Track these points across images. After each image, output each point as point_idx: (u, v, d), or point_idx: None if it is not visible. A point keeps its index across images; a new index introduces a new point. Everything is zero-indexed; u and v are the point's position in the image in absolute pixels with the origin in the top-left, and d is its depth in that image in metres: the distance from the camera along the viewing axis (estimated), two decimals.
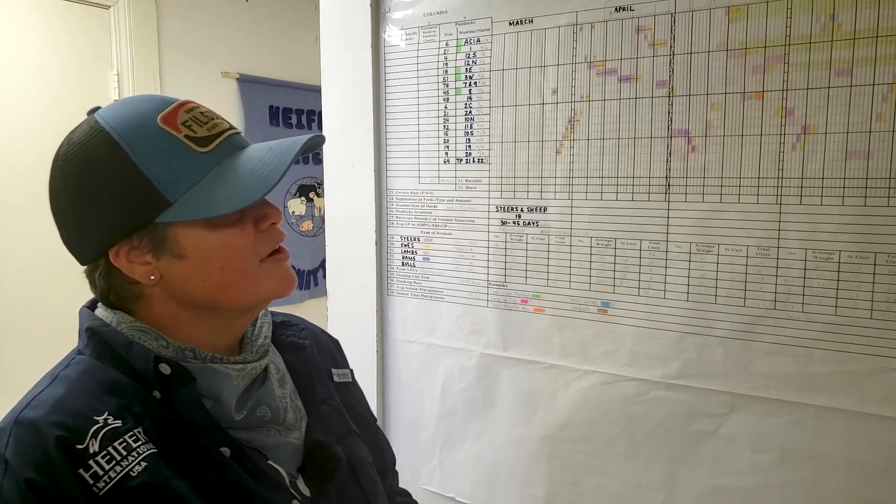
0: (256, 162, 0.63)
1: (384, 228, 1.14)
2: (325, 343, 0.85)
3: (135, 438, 0.59)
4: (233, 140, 0.65)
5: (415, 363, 1.14)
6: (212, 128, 0.64)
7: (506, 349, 1.03)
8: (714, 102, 0.82)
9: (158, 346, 0.64)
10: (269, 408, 0.67)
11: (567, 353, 0.97)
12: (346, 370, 0.84)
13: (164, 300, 0.65)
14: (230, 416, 0.64)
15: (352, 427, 0.77)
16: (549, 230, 0.97)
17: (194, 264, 0.63)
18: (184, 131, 0.63)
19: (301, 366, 0.75)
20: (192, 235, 0.63)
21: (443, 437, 1.13)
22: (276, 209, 0.67)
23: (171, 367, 0.62)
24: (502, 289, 1.03)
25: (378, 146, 1.13)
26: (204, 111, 0.65)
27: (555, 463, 1.00)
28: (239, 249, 0.64)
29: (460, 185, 1.04)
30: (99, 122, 0.63)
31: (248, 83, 2.63)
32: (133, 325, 0.65)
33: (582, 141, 0.92)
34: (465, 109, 1.02)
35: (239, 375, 0.66)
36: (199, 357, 0.65)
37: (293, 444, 0.69)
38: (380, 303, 1.16)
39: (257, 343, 0.71)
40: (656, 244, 0.88)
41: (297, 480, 0.67)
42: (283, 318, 0.80)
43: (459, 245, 1.06)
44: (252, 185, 0.61)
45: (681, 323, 0.88)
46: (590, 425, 0.96)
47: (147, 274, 0.63)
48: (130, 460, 0.57)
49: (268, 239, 0.66)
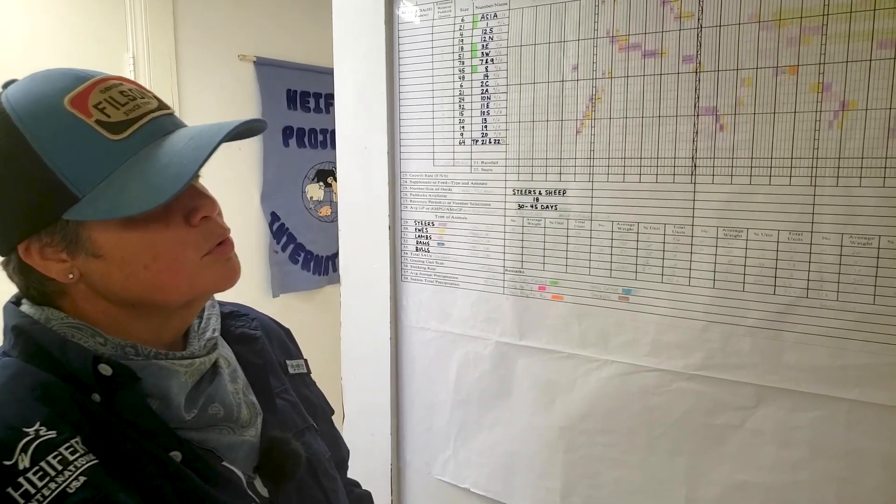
0: (173, 153, 0.55)
1: (398, 213, 1.11)
2: (277, 333, 0.80)
3: (72, 450, 0.52)
4: (157, 124, 0.57)
5: (429, 351, 1.11)
6: (131, 110, 0.56)
7: (522, 338, 1.00)
8: (744, 78, 0.77)
9: (95, 343, 0.58)
10: (222, 405, 0.62)
11: (586, 343, 0.94)
12: (301, 360, 0.80)
13: (90, 297, 0.59)
14: (179, 416, 0.58)
15: (309, 421, 0.73)
16: (569, 214, 0.93)
17: (114, 264, 0.57)
18: (95, 115, 0.55)
19: (254, 358, 0.70)
20: (108, 234, 0.56)
21: (457, 427, 1.10)
22: (209, 200, 0.60)
23: (112, 366, 0.56)
24: (519, 275, 0.99)
25: (391, 128, 1.09)
26: (126, 90, 0.57)
27: (572, 455, 0.97)
28: (165, 247, 0.57)
29: (476, 168, 1.01)
30: (2, 102, 0.55)
31: (265, 66, 2.61)
32: (65, 321, 0.58)
33: (603, 120, 0.88)
34: (482, 88, 0.98)
35: (187, 372, 0.60)
36: (142, 353, 0.59)
37: (249, 442, 0.64)
38: (393, 289, 1.13)
39: (205, 336, 0.65)
40: (681, 229, 0.84)
41: (255, 481, 0.63)
42: (231, 308, 0.75)
43: (475, 230, 1.03)
44: (162, 182, 0.53)
45: (706, 311, 0.83)
46: (609, 417, 0.93)
47: (64, 272, 0.57)
48: (67, 475, 0.51)
49: (207, 234, 0.59)
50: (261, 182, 2.66)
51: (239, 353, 0.70)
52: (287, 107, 2.72)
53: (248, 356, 0.70)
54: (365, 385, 1.20)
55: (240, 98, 2.52)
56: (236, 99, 2.53)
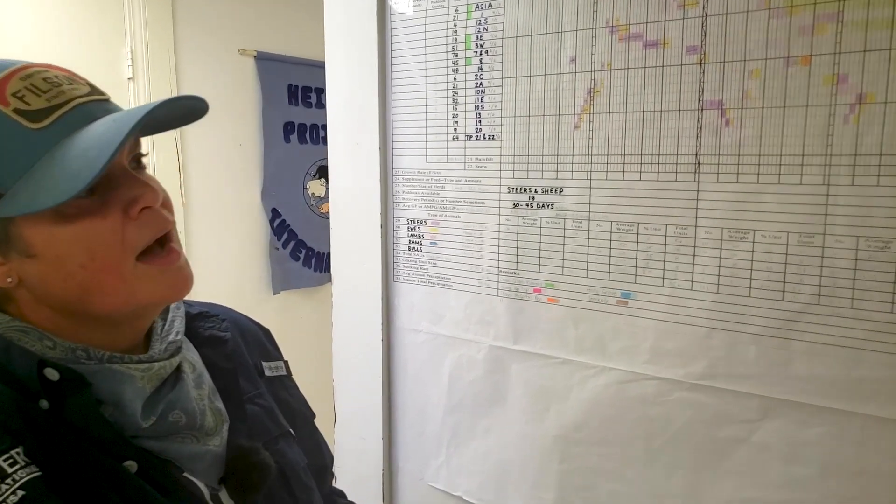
0: (94, 138, 0.50)
1: (390, 211, 1.07)
2: (254, 333, 0.75)
3: (11, 462, 0.48)
4: (83, 111, 0.52)
5: (421, 353, 1.07)
6: (53, 97, 0.51)
7: (517, 342, 0.96)
8: (752, 70, 0.72)
9: (43, 346, 0.54)
10: (184, 412, 0.57)
11: (583, 348, 0.89)
12: (280, 362, 0.75)
13: (33, 303, 0.55)
14: (136, 423, 0.54)
15: (285, 427, 0.69)
16: (565, 213, 0.88)
17: (49, 264, 0.52)
18: (13, 104, 0.50)
19: (222, 361, 0.66)
20: (40, 230, 0.51)
21: (450, 432, 1.06)
22: (150, 189, 0.55)
23: (60, 370, 0.52)
24: (513, 277, 0.95)
25: (384, 123, 1.05)
26: (50, 76, 0.53)
27: (567, 465, 0.92)
28: (102, 243, 0.52)
29: (470, 164, 0.96)
30: None
31: (266, 61, 2.57)
32: (11, 324, 0.54)
33: (602, 115, 0.83)
34: (476, 81, 0.94)
35: (144, 377, 0.56)
36: (94, 357, 0.54)
37: (213, 451, 0.59)
38: (385, 289, 1.09)
39: (167, 339, 0.61)
40: (683, 230, 0.79)
41: (221, 493, 0.59)
42: (200, 309, 0.70)
43: (469, 229, 0.98)
44: (79, 169, 0.49)
45: (709, 317, 0.79)
46: (606, 426, 0.88)
47: (2, 276, 0.52)
48: (3, 489, 0.47)
49: (143, 226, 0.54)
50: (262, 178, 2.63)
51: (207, 356, 0.65)
52: (288, 102, 2.69)
53: (217, 359, 0.66)
54: (356, 387, 1.16)
55: (240, 93, 2.48)
56: (237, 94, 2.49)
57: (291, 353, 1.11)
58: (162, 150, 2.19)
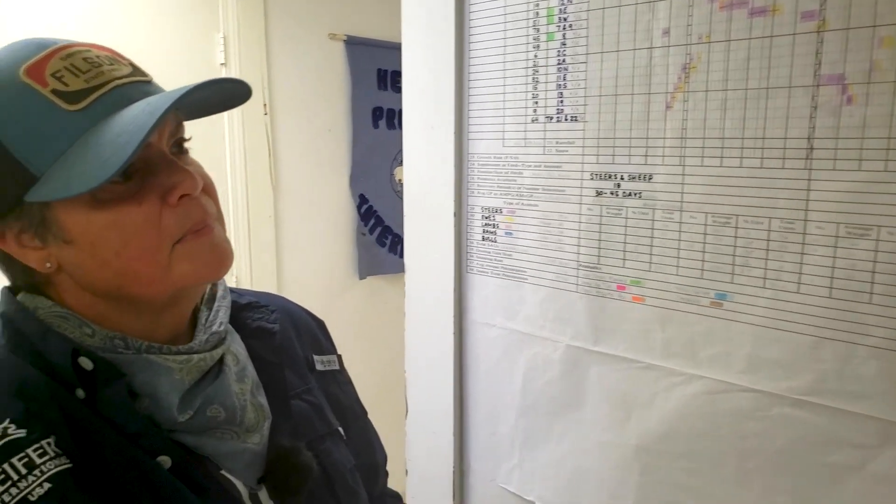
0: (127, 122, 0.48)
1: (464, 198, 1.01)
2: (308, 325, 0.72)
3: (41, 452, 0.47)
4: (121, 92, 0.50)
5: (494, 350, 1.02)
6: (92, 78, 0.49)
7: (597, 342, 0.88)
8: (883, 37, 0.61)
9: (82, 334, 0.52)
10: (223, 407, 0.55)
11: (670, 353, 0.81)
12: (333, 356, 0.71)
13: (74, 289, 0.53)
14: (171, 417, 0.52)
15: (333, 426, 0.65)
16: (654, 203, 0.80)
17: (85, 250, 0.51)
18: (52, 84, 0.49)
19: (268, 355, 0.62)
20: (75, 216, 0.50)
21: (523, 435, 1.00)
22: (189, 176, 0.52)
23: (94, 360, 0.51)
24: (595, 272, 0.87)
25: (460, 105, 0.99)
26: (91, 56, 0.51)
27: (649, 478, 0.84)
28: (137, 230, 0.50)
29: (549, 149, 0.89)
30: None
31: (355, 45, 2.57)
32: (52, 309, 0.53)
33: (699, 93, 0.74)
34: (558, 58, 0.86)
35: (183, 369, 0.53)
36: (132, 347, 0.53)
37: (252, 449, 0.56)
38: (458, 281, 1.04)
39: (211, 330, 0.59)
40: (790, 224, 0.69)
41: (260, 493, 0.56)
42: (250, 299, 0.67)
43: (547, 218, 0.91)
44: (111, 155, 0.46)
45: (819, 325, 0.69)
46: (694, 440, 0.80)
47: (41, 261, 0.51)
48: (31, 481, 0.45)
49: (181, 216, 0.52)
50: (349, 164, 2.63)
51: (253, 348, 0.63)
52: (378, 87, 2.68)
53: (263, 353, 0.63)
54: (428, 381, 1.12)
55: (330, 78, 2.49)
56: (326, 79, 2.50)
57: (375, 338, 1.08)
58: (252, 135, 2.24)
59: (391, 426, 1.23)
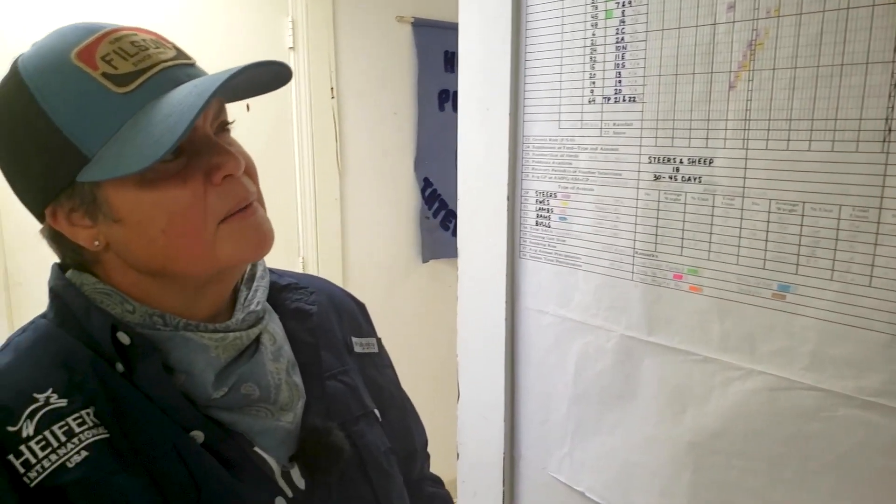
0: (175, 103, 0.49)
1: (518, 182, 0.99)
2: (348, 307, 0.72)
3: (80, 422, 0.49)
4: (168, 75, 0.51)
5: (546, 337, 0.99)
6: (140, 61, 0.50)
7: (651, 333, 0.85)
8: None
9: (123, 311, 0.54)
10: (257, 385, 0.56)
11: (728, 346, 0.77)
12: (372, 339, 0.71)
13: (120, 267, 0.54)
14: (206, 393, 0.53)
15: (368, 407, 0.64)
16: (715, 188, 0.76)
17: (132, 228, 0.52)
18: (102, 68, 0.50)
19: (305, 336, 0.63)
20: (124, 195, 0.51)
21: (574, 424, 0.98)
22: (232, 157, 0.53)
23: (131, 336, 0.52)
24: (651, 259, 0.84)
25: (515, 86, 0.97)
26: (138, 40, 0.52)
27: (702, 476, 0.81)
28: (182, 209, 0.51)
29: (607, 131, 0.86)
30: (18, 63, 0.52)
31: (422, 27, 2.56)
32: (96, 286, 0.55)
33: (765, 72, 0.69)
34: (617, 36, 0.83)
35: (219, 346, 0.54)
36: (170, 324, 0.54)
37: (285, 428, 0.57)
38: (510, 266, 1.02)
39: (248, 309, 0.59)
40: (863, 212, 0.64)
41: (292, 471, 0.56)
42: (290, 280, 0.68)
43: (602, 203, 0.88)
44: (160, 136, 0.47)
45: (893, 322, 0.64)
46: (751, 438, 0.76)
47: (90, 239, 0.53)
48: (69, 448, 0.47)
49: (224, 195, 0.53)
50: (415, 147, 2.64)
51: (290, 329, 0.63)
52: (444, 69, 2.66)
53: (300, 333, 0.63)
54: (479, 366, 1.11)
55: (396, 61, 2.49)
56: (393, 62, 2.51)
57: (437, 321, 1.08)
58: (319, 119, 2.27)
59: (453, 410, 1.23)
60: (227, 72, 0.50)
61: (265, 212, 0.58)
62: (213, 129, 0.56)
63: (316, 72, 2.23)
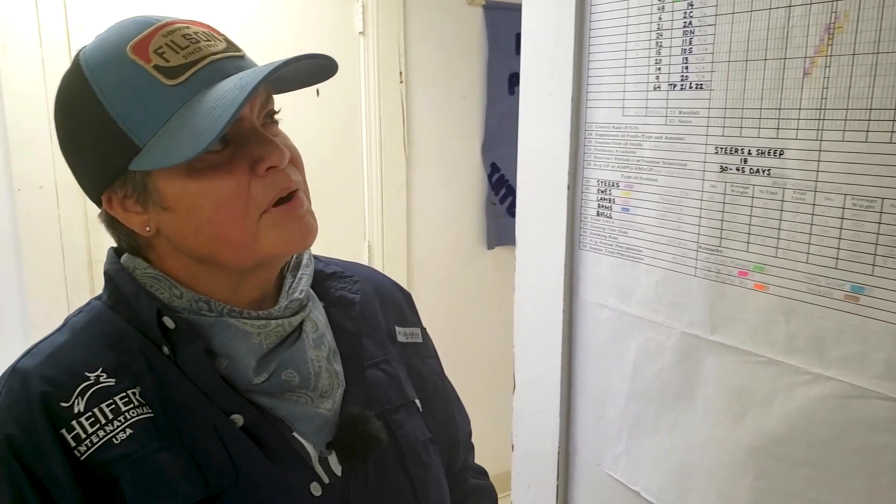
0: (220, 97, 0.50)
1: (580, 170, 0.97)
2: (393, 297, 0.72)
3: (126, 401, 0.51)
4: (216, 67, 0.52)
5: (605, 331, 0.97)
6: (190, 54, 0.52)
7: (714, 331, 0.81)
8: None
9: (171, 295, 0.56)
10: (297, 371, 0.57)
11: (795, 349, 0.73)
12: (416, 329, 0.71)
13: (171, 251, 0.57)
14: (247, 378, 0.55)
15: (409, 397, 0.64)
16: (785, 181, 0.72)
17: (181, 216, 0.54)
18: (154, 60, 0.51)
19: (348, 324, 0.63)
20: (173, 184, 0.53)
21: (631, 421, 0.95)
22: (277, 148, 0.53)
23: (176, 321, 0.54)
24: (715, 255, 0.80)
25: (578, 71, 0.94)
26: (189, 33, 0.53)
27: (764, 483, 0.77)
28: (227, 198, 0.53)
29: (672, 119, 0.82)
30: (80, 56, 0.54)
31: (494, 10, 2.53)
32: (147, 271, 0.57)
33: (843, 57, 0.65)
34: (685, 20, 0.79)
35: (261, 333, 0.56)
36: (215, 310, 0.56)
37: (323, 415, 0.58)
38: (569, 257, 1.00)
39: (292, 297, 0.61)
40: None
41: (330, 457, 0.57)
42: (335, 269, 0.68)
43: (666, 194, 0.85)
44: (203, 128, 0.48)
45: None
46: (818, 447, 0.72)
47: (142, 225, 0.55)
48: (116, 425, 0.50)
49: (268, 185, 0.54)
50: (482, 131, 2.62)
51: (333, 317, 0.64)
52: (515, 52, 2.62)
53: (343, 321, 0.64)
54: (535, 357, 1.09)
55: (466, 44, 2.48)
56: (463, 46, 2.49)
57: (501, 308, 1.08)
58: (387, 104, 2.28)
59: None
60: (270, 65, 0.51)
61: (310, 204, 0.59)
62: (261, 119, 0.57)
63: (385, 56, 2.24)
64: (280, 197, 0.56)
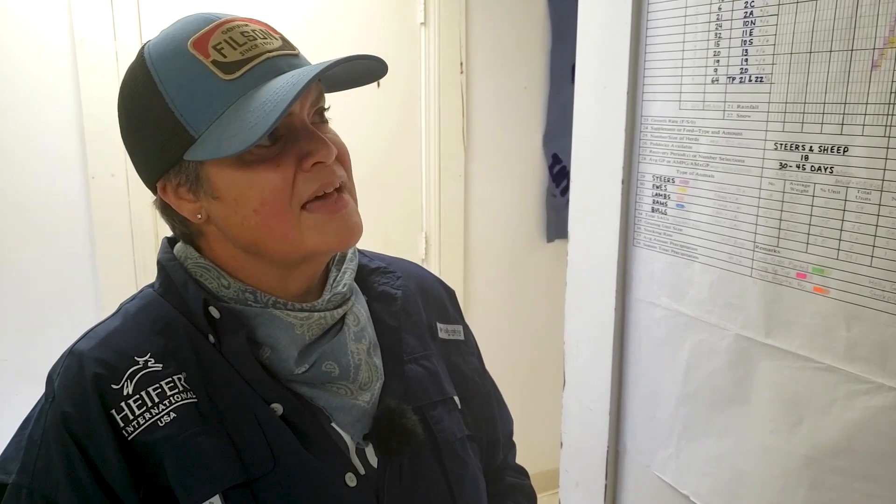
0: (272, 93, 0.52)
1: (634, 165, 0.95)
2: (436, 293, 0.72)
3: (171, 385, 0.54)
4: (271, 64, 0.54)
5: (657, 331, 0.95)
6: (247, 50, 0.54)
7: (769, 335, 0.78)
8: None
9: (219, 285, 0.58)
10: (337, 363, 0.58)
11: (855, 356, 0.69)
12: (458, 326, 0.71)
13: (221, 240, 0.59)
14: (289, 368, 0.56)
15: (447, 393, 0.64)
16: (849, 180, 0.68)
17: (229, 206, 0.56)
18: (213, 56, 0.54)
19: (389, 318, 0.64)
20: (223, 174, 0.55)
21: (682, 424, 0.93)
22: (325, 145, 0.54)
23: (220, 311, 0.56)
24: (773, 255, 0.77)
25: (635, 63, 0.92)
26: (248, 30, 0.55)
27: (819, 494, 0.74)
28: (273, 191, 0.54)
29: (730, 113, 0.79)
30: (144, 49, 0.57)
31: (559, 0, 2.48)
32: (198, 261, 0.59)
33: None
34: (745, 10, 0.76)
35: (304, 325, 0.57)
36: (260, 301, 0.57)
37: (361, 407, 0.59)
38: (622, 254, 0.98)
39: (335, 290, 0.62)
40: None
41: (367, 449, 0.58)
42: (379, 264, 0.69)
43: (723, 191, 0.82)
44: (256, 122, 0.50)
45: None
46: (878, 460, 0.68)
47: (193, 212, 0.57)
48: (161, 409, 0.53)
49: (311, 179, 0.55)
50: (544, 122, 2.58)
51: (375, 311, 0.65)
52: None
53: (384, 316, 0.65)
54: (587, 354, 1.08)
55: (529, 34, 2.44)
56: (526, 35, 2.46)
57: (560, 303, 1.08)
58: (447, 95, 2.28)
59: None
60: (321, 64, 0.53)
61: (356, 204, 0.60)
62: (311, 116, 0.59)
63: (446, 47, 2.24)
64: (323, 192, 0.57)
